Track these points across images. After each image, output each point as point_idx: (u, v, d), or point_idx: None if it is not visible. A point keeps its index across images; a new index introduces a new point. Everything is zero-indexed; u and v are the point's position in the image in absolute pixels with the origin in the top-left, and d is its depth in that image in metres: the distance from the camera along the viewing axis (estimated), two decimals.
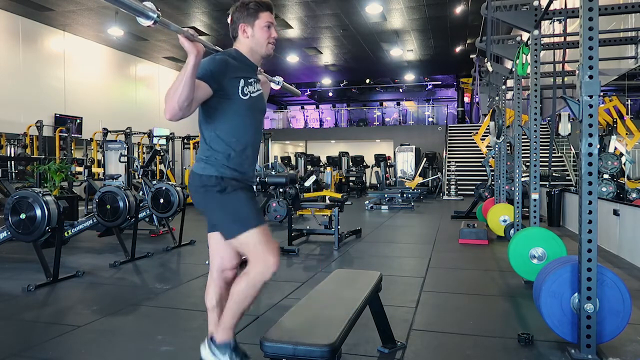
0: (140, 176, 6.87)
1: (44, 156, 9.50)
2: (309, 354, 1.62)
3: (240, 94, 2.03)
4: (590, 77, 2.44)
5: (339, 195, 8.34)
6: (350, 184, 16.56)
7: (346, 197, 7.74)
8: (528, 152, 4.40)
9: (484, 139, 9.96)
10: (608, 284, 2.55)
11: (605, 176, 6.60)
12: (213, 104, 2.01)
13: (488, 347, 2.72)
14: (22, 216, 4.11)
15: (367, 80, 24.06)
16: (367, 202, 11.57)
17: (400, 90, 25.34)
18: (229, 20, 2.15)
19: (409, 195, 11.95)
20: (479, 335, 2.88)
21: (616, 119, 6.83)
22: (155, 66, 16.90)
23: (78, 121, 12.93)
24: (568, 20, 4.19)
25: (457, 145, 17.55)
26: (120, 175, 7.51)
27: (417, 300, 3.60)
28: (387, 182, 15.42)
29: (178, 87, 1.79)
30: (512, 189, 6.76)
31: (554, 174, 11.53)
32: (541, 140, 4.76)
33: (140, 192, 7.06)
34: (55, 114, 12.44)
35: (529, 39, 4.38)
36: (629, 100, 7.46)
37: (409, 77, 21.82)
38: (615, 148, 6.90)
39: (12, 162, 10.25)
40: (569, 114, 8.30)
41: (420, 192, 12.99)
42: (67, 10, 11.36)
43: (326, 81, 23.06)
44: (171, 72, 17.50)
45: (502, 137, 6.75)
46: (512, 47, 5.63)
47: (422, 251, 5.77)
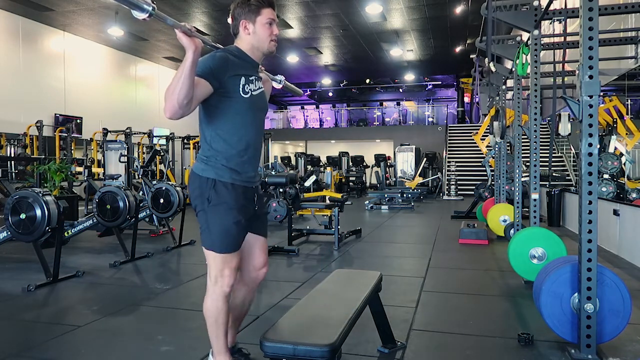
0: (140, 176, 6.87)
1: (44, 156, 9.49)
2: (309, 354, 1.62)
3: (241, 92, 2.00)
4: (590, 77, 2.44)
5: (339, 195, 8.33)
6: (350, 184, 16.55)
7: (346, 197, 7.74)
8: (528, 152, 4.39)
9: (484, 139, 9.96)
10: (608, 284, 2.55)
11: (605, 176, 6.60)
12: (213, 102, 1.98)
13: (488, 347, 2.72)
14: (22, 216, 4.11)
15: (367, 80, 24.05)
16: (367, 202, 11.57)
17: (400, 90, 25.33)
18: (229, 16, 2.13)
19: (409, 195, 11.95)
20: (479, 335, 2.88)
21: (616, 119, 6.83)
22: (155, 66, 16.90)
23: (78, 121, 12.93)
24: (568, 20, 4.19)
25: (457, 145, 17.55)
26: (120, 175, 7.51)
27: (417, 300, 3.60)
28: (387, 182, 15.42)
29: (177, 85, 1.75)
30: (512, 189, 6.76)
31: (554, 174, 11.53)
32: (541, 140, 4.76)
33: (140, 192, 7.06)
34: (55, 114, 12.44)
35: (529, 39, 4.38)
36: (629, 100, 7.47)
37: (409, 77, 21.82)
38: (615, 148, 6.89)
39: (12, 162, 10.25)
40: (569, 114, 8.29)
41: (420, 192, 12.99)
42: (67, 10, 11.36)
43: (326, 81, 23.06)
44: (171, 72, 17.47)
45: (504, 138, 6.74)
46: (512, 47, 5.62)
47: (422, 251, 5.77)
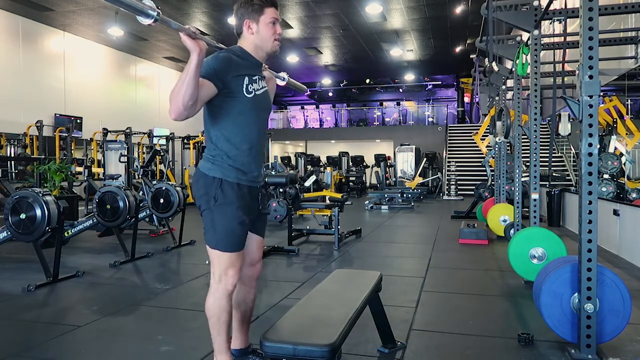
0: (140, 176, 6.87)
1: (44, 156, 9.49)
2: (309, 354, 1.62)
3: (244, 92, 2.01)
4: (590, 77, 2.44)
5: (339, 195, 8.32)
6: (350, 184, 16.55)
7: (346, 197, 7.74)
8: (528, 152, 4.39)
9: (484, 139, 9.96)
10: (608, 284, 2.55)
11: (605, 176, 6.60)
12: (217, 102, 1.99)
13: (488, 347, 2.72)
14: (22, 216, 4.11)
15: (367, 80, 24.05)
16: (367, 202, 11.57)
17: (400, 90, 25.33)
18: (232, 16, 2.13)
19: (409, 195, 11.95)
20: (479, 335, 2.88)
21: (616, 119, 6.83)
22: (155, 66, 16.90)
23: (78, 121, 12.93)
24: (568, 20, 4.19)
25: (457, 145, 17.54)
26: (120, 175, 7.51)
27: (417, 300, 3.60)
28: (387, 182, 15.41)
29: (182, 87, 1.77)
30: (512, 189, 6.75)
31: (554, 174, 11.53)
32: (541, 140, 4.76)
33: (140, 192, 7.06)
34: (56, 114, 12.44)
35: (529, 39, 4.38)
36: (629, 100, 7.47)
37: (409, 77, 21.82)
38: (615, 148, 6.89)
39: (12, 162, 10.24)
40: (569, 114, 8.30)
41: (420, 192, 12.99)
42: (67, 10, 11.36)
43: (326, 81, 23.06)
44: (171, 72, 17.50)
45: (509, 137, 6.74)
46: (512, 47, 5.62)
47: (422, 251, 5.77)
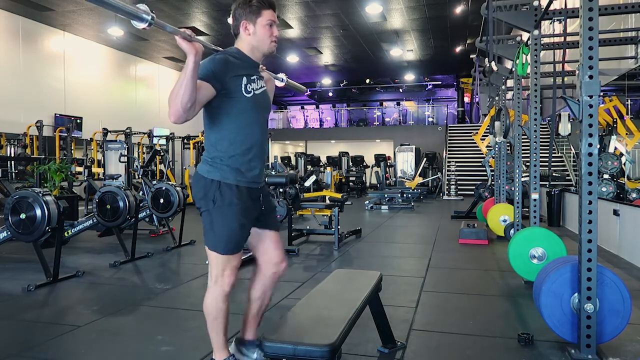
0: (140, 176, 6.87)
1: (44, 156, 9.49)
2: (309, 354, 1.62)
3: (243, 92, 2.00)
4: (590, 77, 2.44)
5: (339, 195, 8.32)
6: (350, 184, 16.55)
7: (346, 197, 7.74)
8: (528, 152, 4.40)
9: (484, 139, 9.96)
10: (608, 284, 2.55)
11: (605, 176, 6.60)
12: (216, 103, 1.98)
13: (488, 347, 2.72)
14: (22, 216, 4.11)
15: (367, 80, 24.05)
16: (367, 202, 11.57)
17: (400, 90, 25.33)
18: (230, 17, 2.13)
19: (409, 195, 11.95)
20: (479, 335, 2.88)
21: (616, 119, 6.83)
22: (155, 66, 16.90)
23: (78, 121, 12.93)
24: (568, 20, 4.19)
25: (457, 145, 17.55)
26: (120, 175, 7.51)
27: (417, 300, 3.60)
28: (387, 182, 15.41)
29: (180, 90, 1.77)
30: (512, 189, 6.76)
31: (554, 174, 11.53)
32: (541, 140, 4.76)
33: (140, 192, 7.06)
34: (55, 114, 12.44)
35: (529, 39, 4.38)
36: (629, 100, 7.47)
37: (409, 77, 21.82)
38: (615, 148, 6.89)
39: (12, 162, 10.24)
40: (569, 114, 8.30)
41: (420, 192, 12.99)
42: (67, 10, 11.36)
43: (326, 81, 23.06)
44: (171, 72, 17.50)
45: (507, 137, 6.74)
46: (512, 47, 5.62)
47: (422, 251, 5.77)
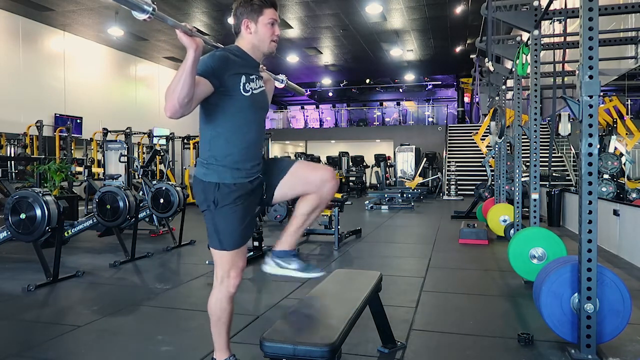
0: (140, 176, 6.87)
1: (44, 156, 9.49)
2: (309, 354, 1.62)
3: (242, 90, 1.98)
4: (590, 77, 2.44)
5: (339, 195, 8.29)
6: (350, 184, 16.55)
7: (346, 197, 7.73)
8: (528, 152, 4.39)
9: (484, 139, 9.95)
10: (608, 284, 2.55)
11: (605, 176, 6.60)
12: (214, 101, 1.96)
13: (488, 347, 2.72)
14: (22, 216, 4.11)
15: (367, 80, 24.04)
16: (367, 202, 11.56)
17: (400, 90, 25.33)
18: (231, 16, 2.12)
19: (409, 195, 11.95)
20: (479, 335, 2.88)
21: (616, 119, 6.83)
22: (155, 66, 16.90)
23: (78, 121, 12.93)
24: (568, 20, 4.19)
25: (457, 145, 17.54)
26: (120, 175, 7.51)
27: (417, 300, 3.60)
28: (387, 182, 15.42)
29: (178, 84, 1.75)
30: (512, 189, 6.75)
31: (554, 174, 11.53)
32: (541, 140, 4.75)
33: (140, 192, 7.06)
34: (56, 114, 12.44)
35: (529, 39, 4.38)
36: (629, 100, 7.47)
37: (409, 77, 21.81)
38: (615, 148, 6.89)
39: (12, 162, 10.24)
40: (569, 114, 8.30)
41: (420, 192, 13.00)
42: (67, 10, 11.36)
43: (326, 81, 23.05)
44: (171, 72, 17.46)
45: (503, 137, 6.75)
46: (512, 47, 5.63)
47: (422, 251, 5.77)
